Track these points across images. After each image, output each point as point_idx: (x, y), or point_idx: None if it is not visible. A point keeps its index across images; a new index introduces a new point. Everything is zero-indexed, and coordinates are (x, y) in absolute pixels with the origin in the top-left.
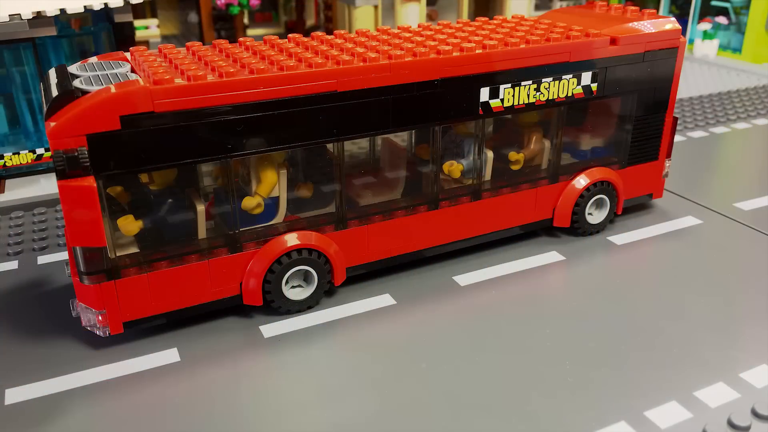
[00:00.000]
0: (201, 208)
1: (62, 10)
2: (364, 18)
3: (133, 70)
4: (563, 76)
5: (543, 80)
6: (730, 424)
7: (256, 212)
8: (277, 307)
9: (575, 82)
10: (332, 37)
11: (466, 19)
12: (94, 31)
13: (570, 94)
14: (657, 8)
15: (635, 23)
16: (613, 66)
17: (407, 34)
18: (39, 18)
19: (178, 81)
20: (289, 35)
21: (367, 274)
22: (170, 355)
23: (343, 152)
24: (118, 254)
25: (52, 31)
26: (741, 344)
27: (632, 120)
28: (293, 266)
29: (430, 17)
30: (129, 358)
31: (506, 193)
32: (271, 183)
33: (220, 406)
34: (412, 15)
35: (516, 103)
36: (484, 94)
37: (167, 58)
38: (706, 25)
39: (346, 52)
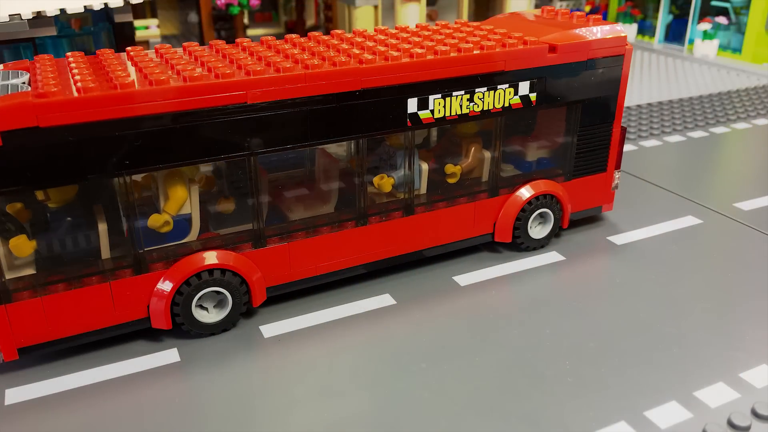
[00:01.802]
0: (103, 227)
1: (62, 10)
2: (364, 18)
3: (30, 82)
4: (498, 86)
5: (477, 90)
6: (730, 424)
7: (164, 231)
8: (187, 330)
9: (512, 92)
10: (282, 42)
11: (465, 19)
12: (94, 31)
13: (507, 105)
14: (657, 8)
15: (578, 30)
16: (553, 75)
17: (360, 39)
18: (39, 18)
19: (75, 93)
20: (238, 40)
21: (367, 274)
22: (170, 355)
23: (257, 167)
24: (9, 277)
25: (52, 31)
26: (741, 344)
27: (576, 131)
28: (204, 287)
29: (430, 17)
30: (129, 358)
31: (442, 208)
32: (180, 200)
33: (219, 406)
34: (412, 15)
35: (448, 114)
36: (412, 105)
37: (93, 66)
38: (706, 25)
39: (264, 61)
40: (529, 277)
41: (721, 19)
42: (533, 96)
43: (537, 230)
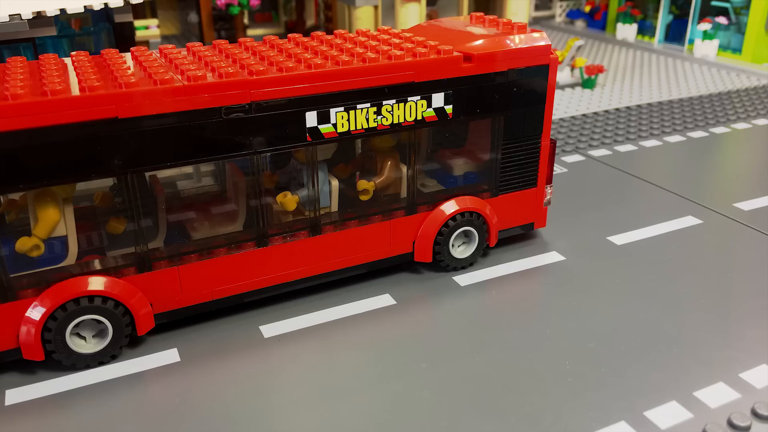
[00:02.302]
0: None
1: (62, 10)
2: (364, 18)
3: None
4: (409, 98)
5: (384, 103)
6: (730, 424)
7: (35, 255)
8: (59, 359)
9: (425, 105)
10: (206, 49)
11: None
12: (94, 31)
13: (420, 118)
14: (657, 8)
15: (499, 39)
16: (470, 86)
17: (272, 46)
18: (39, 18)
19: None
20: (161, 46)
21: (367, 274)
22: (170, 356)
23: (136, 185)
24: None
25: (52, 31)
26: (741, 344)
27: (500, 145)
28: (79, 315)
29: (430, 17)
30: (129, 359)
31: (354, 227)
32: (51, 222)
33: (219, 406)
34: (412, 15)
35: (353, 128)
36: (311, 118)
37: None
38: (706, 26)
39: (145, 72)
40: (529, 277)
41: (721, 20)
42: (449, 108)
43: (461, 249)
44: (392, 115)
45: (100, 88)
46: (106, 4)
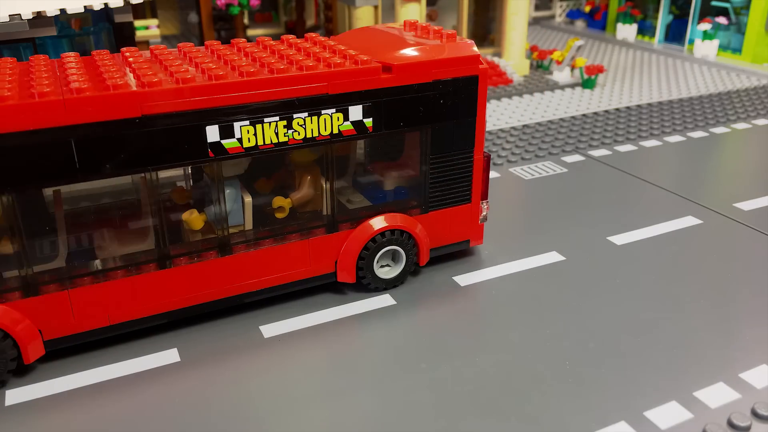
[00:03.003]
0: None
1: (62, 10)
2: (364, 18)
3: None
4: (323, 111)
5: (295, 116)
6: (730, 424)
7: None
8: None
9: (341, 118)
10: (139, 57)
11: (465, 20)
12: (94, 31)
13: (336, 132)
14: (657, 9)
15: (424, 48)
16: (391, 98)
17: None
18: (39, 18)
19: None
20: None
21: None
22: (170, 356)
23: (15, 204)
24: None
25: (52, 31)
26: (741, 344)
27: (428, 159)
28: None
29: (430, 17)
30: (129, 359)
31: (269, 246)
32: None
33: (219, 406)
34: (412, 15)
35: (261, 142)
36: (213, 133)
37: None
38: (706, 26)
39: (24, 85)
40: (529, 277)
41: (721, 20)
42: (369, 122)
43: (387, 269)
44: (305, 128)
45: None
46: (106, 4)
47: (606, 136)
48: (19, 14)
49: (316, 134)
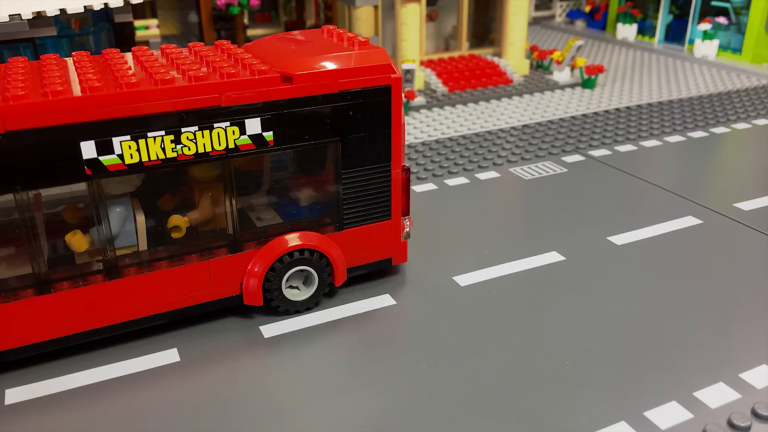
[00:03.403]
0: None
1: (62, 10)
2: (364, 18)
3: None
4: (215, 125)
5: (184, 130)
6: (731, 424)
7: None
8: None
9: (237, 131)
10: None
11: (465, 19)
12: (94, 31)
13: (233, 146)
14: (657, 9)
15: (330, 57)
16: (293, 110)
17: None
18: (39, 18)
19: None
20: (11, 58)
21: (367, 274)
22: (170, 356)
23: None
24: None
25: (52, 31)
26: (741, 344)
27: (340, 175)
28: None
29: (430, 17)
30: (129, 359)
31: (164, 268)
32: None
33: (219, 406)
34: (412, 15)
35: (147, 159)
36: (89, 149)
37: None
38: (706, 26)
39: None
40: (529, 277)
41: (721, 20)
42: (269, 135)
43: (300, 291)
44: (196, 143)
45: None
46: (106, 4)
47: (606, 136)
48: (19, 14)
49: (209, 149)
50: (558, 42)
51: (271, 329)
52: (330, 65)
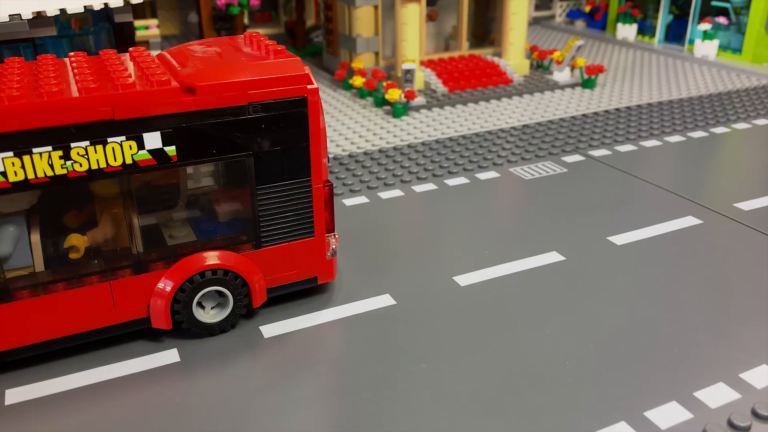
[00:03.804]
0: None
1: (62, 10)
2: (364, 18)
3: None
4: (109, 139)
5: (74, 145)
6: (730, 424)
7: None
8: None
9: (135, 146)
10: None
11: (465, 19)
12: (94, 31)
13: (131, 162)
14: (657, 9)
15: (234, 68)
16: (197, 123)
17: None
18: (39, 18)
19: None
20: None
21: (367, 274)
22: (170, 356)
23: None
24: None
25: (52, 31)
26: (741, 344)
27: (255, 191)
28: None
29: (430, 17)
30: (129, 359)
31: (60, 291)
32: None
33: (220, 406)
34: (412, 15)
35: (32, 176)
36: None
37: None
38: (706, 26)
39: None
40: (529, 277)
41: (721, 20)
42: (171, 150)
43: (214, 312)
44: (88, 159)
45: None
46: (106, 4)
47: (606, 136)
48: (19, 14)
49: (103, 165)
50: (558, 42)
51: (271, 329)
52: (238, 76)
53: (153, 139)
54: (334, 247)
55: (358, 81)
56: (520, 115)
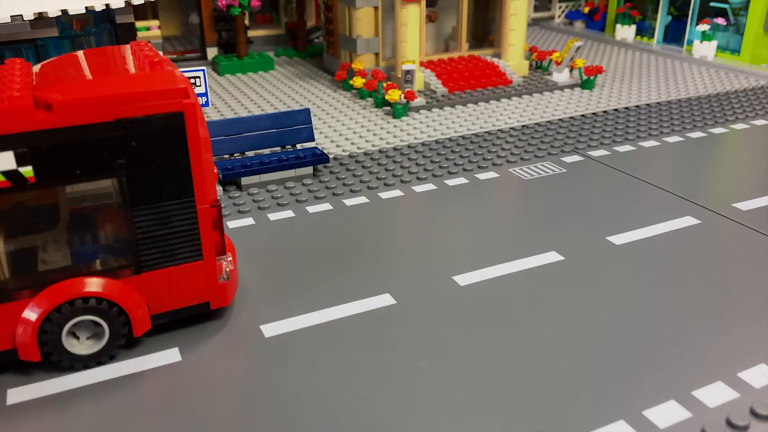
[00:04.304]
0: None
1: (64, 11)
2: (364, 19)
3: None
4: None
5: None
6: (729, 423)
7: None
8: None
9: None
10: None
11: (465, 20)
12: (95, 32)
13: None
14: (656, 10)
15: (96, 82)
16: (56, 142)
17: None
18: (41, 19)
19: None
20: None
21: (367, 274)
22: (171, 355)
23: None
24: None
25: (53, 32)
26: (739, 344)
27: (132, 213)
28: None
29: (430, 18)
30: (130, 358)
31: None
32: None
33: (220, 405)
34: (412, 16)
35: None
36: None
37: None
38: (704, 27)
39: None
40: (529, 277)
41: (720, 21)
42: (28, 171)
43: (90, 342)
44: None
45: None
46: (107, 5)
47: (605, 136)
48: (21, 15)
49: None
50: (557, 43)
51: (271, 329)
52: (102, 90)
53: (6, 160)
54: (227, 269)
55: (358, 82)
56: (520, 115)
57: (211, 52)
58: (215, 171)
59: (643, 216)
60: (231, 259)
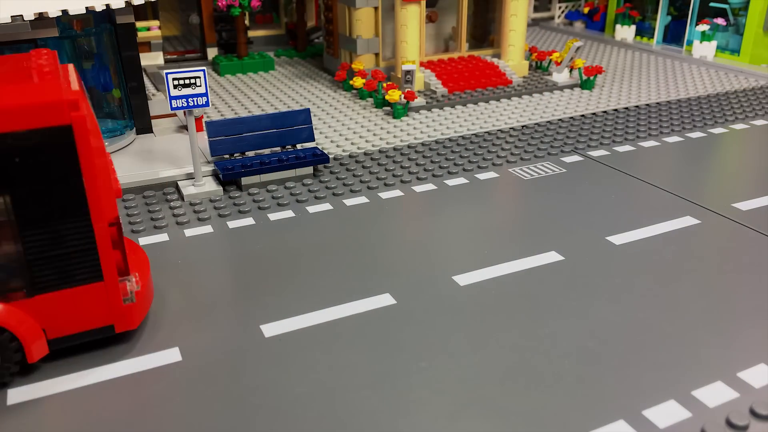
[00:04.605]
0: None
1: (64, 12)
2: (364, 19)
3: None
4: None
5: None
6: (729, 423)
7: None
8: None
9: None
10: None
11: (465, 21)
12: (95, 32)
13: None
14: (656, 10)
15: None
16: None
17: None
18: (41, 19)
19: None
20: None
21: (367, 274)
22: (171, 355)
23: None
24: None
25: (54, 33)
26: (739, 344)
27: (20, 232)
28: None
29: (430, 18)
30: (130, 358)
31: None
32: None
33: (221, 405)
34: (412, 16)
35: None
36: None
37: None
38: (704, 27)
39: None
40: (529, 277)
41: (720, 21)
42: None
43: None
44: None
45: None
46: (108, 6)
47: (605, 136)
48: (21, 15)
49: None
50: (557, 43)
51: (271, 329)
52: None
53: None
54: (132, 291)
55: (358, 82)
56: (519, 115)
57: (212, 52)
58: (117, 187)
59: (642, 216)
60: (136, 280)
